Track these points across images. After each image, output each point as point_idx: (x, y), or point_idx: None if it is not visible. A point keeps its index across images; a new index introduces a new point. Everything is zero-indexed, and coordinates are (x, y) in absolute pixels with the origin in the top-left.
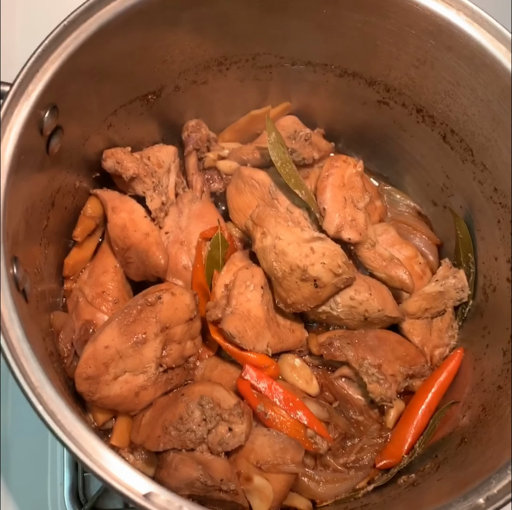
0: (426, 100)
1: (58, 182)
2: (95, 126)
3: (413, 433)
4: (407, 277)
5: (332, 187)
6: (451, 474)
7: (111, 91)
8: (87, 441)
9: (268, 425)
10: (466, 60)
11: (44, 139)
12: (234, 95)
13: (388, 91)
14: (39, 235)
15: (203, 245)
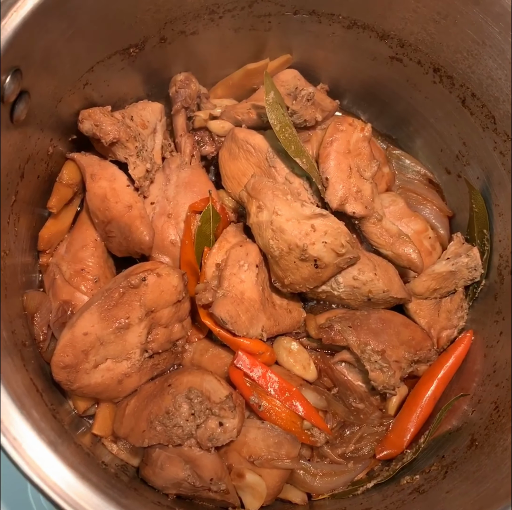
0: (446, 59)
1: (28, 151)
2: (68, 86)
3: (416, 422)
4: (416, 255)
5: (336, 155)
6: (462, 486)
7: (87, 47)
8: None
9: (262, 417)
10: (495, 18)
11: (6, 107)
12: (227, 46)
13: (402, 47)
14: (6, 213)
15: (193, 218)
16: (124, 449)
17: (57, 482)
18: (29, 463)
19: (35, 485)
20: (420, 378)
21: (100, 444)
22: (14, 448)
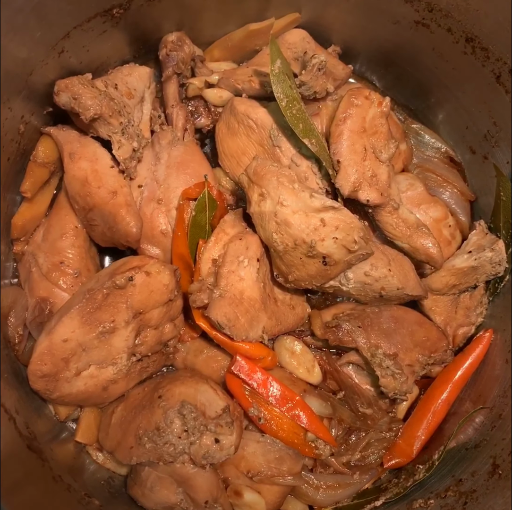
0: (482, 29)
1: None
2: (40, 57)
3: (428, 428)
4: (436, 250)
5: (350, 134)
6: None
7: (60, 11)
8: None
9: (262, 429)
10: None
11: None
12: (227, 1)
13: (430, 11)
14: None
15: (186, 206)
16: (111, 458)
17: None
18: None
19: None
20: (433, 379)
21: (84, 453)
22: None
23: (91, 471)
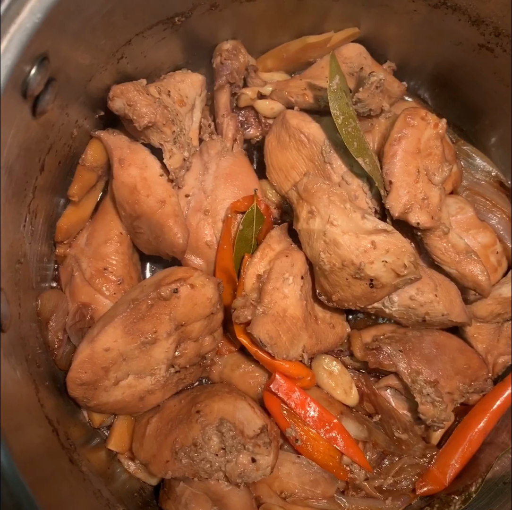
0: None
1: (49, 141)
2: (101, 63)
3: (463, 457)
4: (485, 278)
5: (404, 154)
6: None
7: (125, 19)
8: None
9: (298, 450)
10: None
11: (29, 103)
12: (285, 12)
13: (497, 36)
14: (22, 216)
15: (233, 219)
16: (142, 468)
17: None
18: None
19: None
20: (470, 407)
21: (116, 461)
22: None
23: (122, 480)
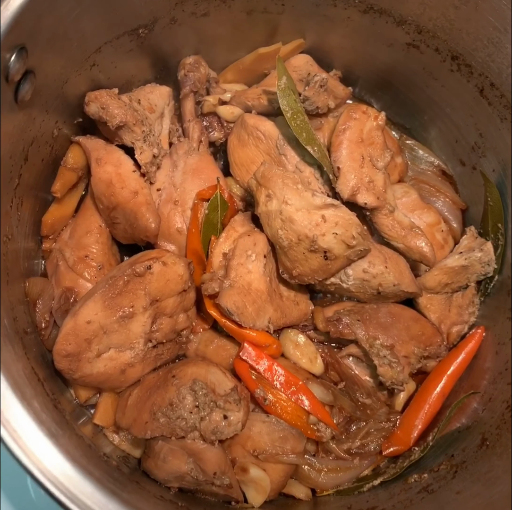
0: (465, 47)
1: (32, 133)
2: (75, 67)
3: (424, 418)
4: (428, 249)
5: (349, 143)
6: (473, 487)
7: (95, 26)
8: None
9: (267, 410)
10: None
11: (11, 87)
12: (239, 29)
13: (419, 33)
14: (9, 196)
15: (200, 206)
16: (126, 440)
17: (58, 476)
18: (29, 456)
19: (35, 479)
20: (429, 374)
21: (102, 435)
22: (14, 440)
23: (108, 453)
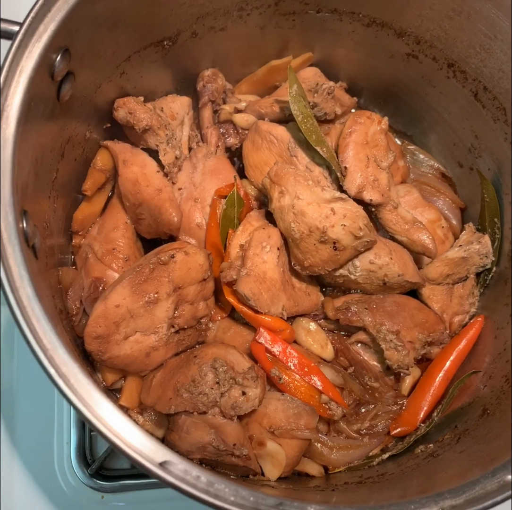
0: (459, 54)
1: (68, 132)
2: (107, 73)
3: (429, 401)
4: (430, 241)
5: (355, 145)
6: (474, 446)
7: (125, 36)
8: (101, 407)
9: (282, 389)
10: (506, 11)
11: (55, 85)
12: (253, 43)
13: (418, 44)
14: (48, 188)
15: (218, 203)
16: (150, 421)
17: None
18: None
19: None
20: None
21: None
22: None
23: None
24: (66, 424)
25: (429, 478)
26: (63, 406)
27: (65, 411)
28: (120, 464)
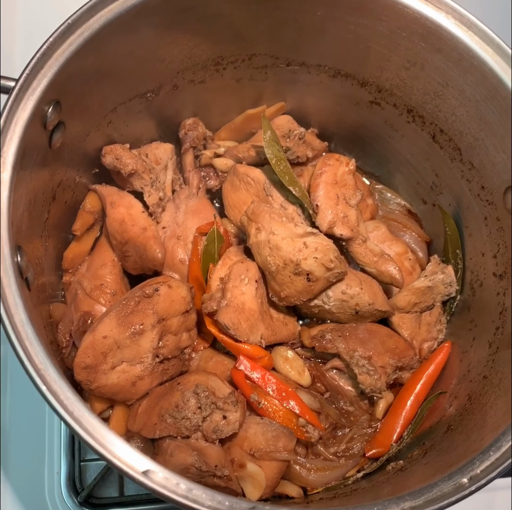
0: (416, 101)
1: (59, 177)
2: (95, 123)
3: (402, 423)
4: (397, 272)
5: (325, 185)
6: (438, 458)
7: (112, 89)
8: (88, 421)
9: (261, 413)
10: (455, 62)
11: (47, 134)
12: (230, 94)
13: (379, 92)
14: (40, 227)
15: (199, 239)
16: (136, 448)
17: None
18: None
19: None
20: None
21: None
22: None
23: None
24: (56, 454)
25: (396, 486)
26: (53, 437)
27: (56, 441)
28: (109, 492)
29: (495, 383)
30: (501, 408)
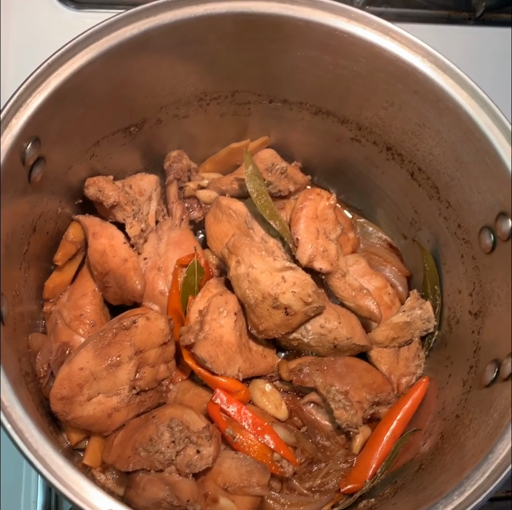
0: (395, 139)
1: (40, 209)
2: (77, 156)
3: (378, 459)
4: (375, 307)
5: (306, 219)
6: (405, 498)
7: (94, 124)
8: (53, 460)
9: (236, 448)
10: (431, 103)
11: (26, 169)
12: (214, 128)
13: (360, 130)
14: (19, 260)
15: (180, 271)
16: (111, 479)
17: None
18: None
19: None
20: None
21: (90, 474)
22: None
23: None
24: (33, 483)
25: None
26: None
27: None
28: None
29: (465, 423)
30: (469, 451)
